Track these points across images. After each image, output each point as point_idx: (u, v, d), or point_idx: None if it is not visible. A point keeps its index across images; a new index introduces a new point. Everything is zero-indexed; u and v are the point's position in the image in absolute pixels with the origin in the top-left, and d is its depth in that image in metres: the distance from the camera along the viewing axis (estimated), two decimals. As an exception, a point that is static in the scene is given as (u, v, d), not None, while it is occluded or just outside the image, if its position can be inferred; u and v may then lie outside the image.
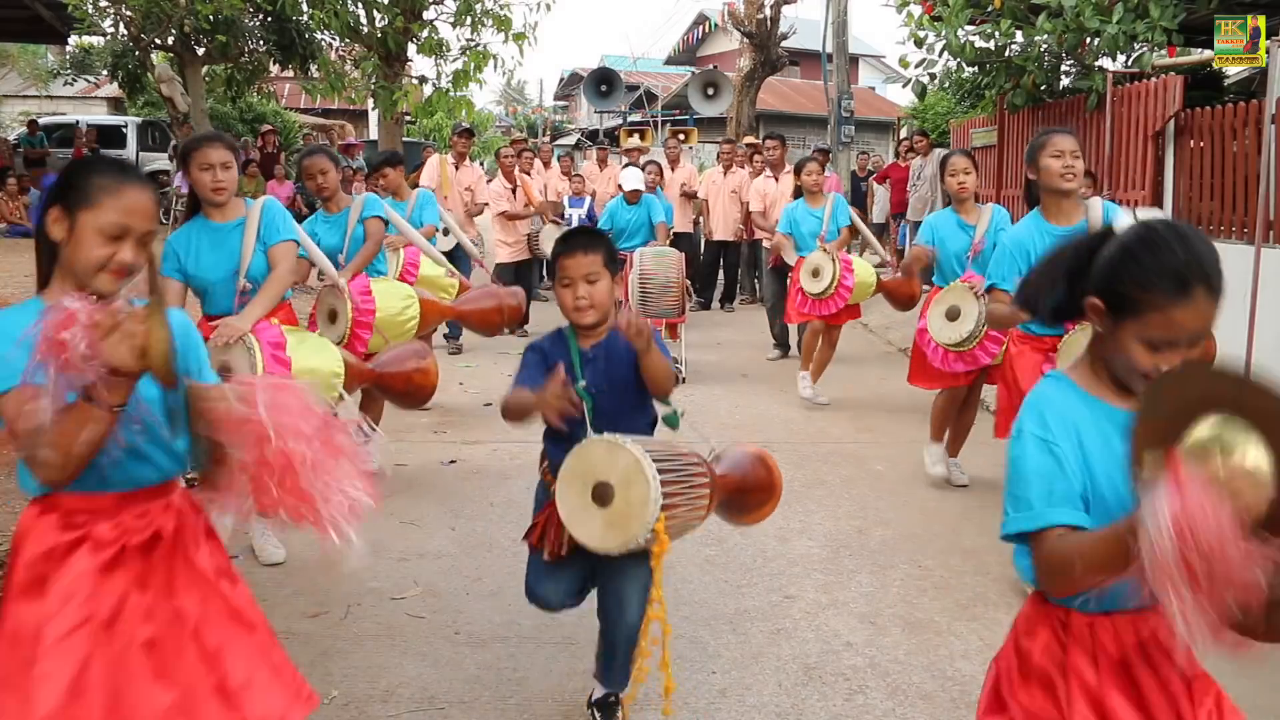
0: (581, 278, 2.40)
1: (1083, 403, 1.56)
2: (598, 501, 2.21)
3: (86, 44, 17.87)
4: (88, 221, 1.69)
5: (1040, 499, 1.50)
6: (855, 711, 2.73)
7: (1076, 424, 1.53)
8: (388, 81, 11.64)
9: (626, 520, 2.18)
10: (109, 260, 1.70)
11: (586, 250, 2.41)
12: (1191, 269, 1.44)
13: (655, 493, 2.15)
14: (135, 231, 1.71)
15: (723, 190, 10.16)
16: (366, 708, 2.70)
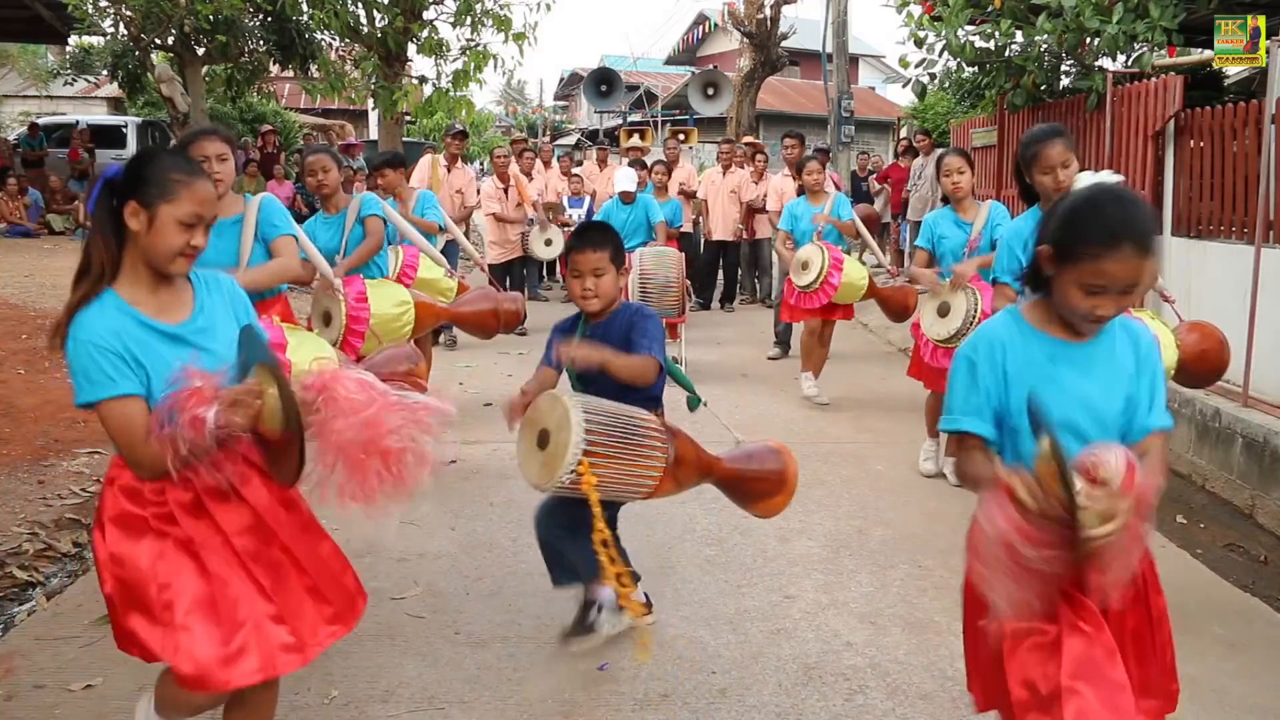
0: (590, 271, 2.74)
1: (1020, 332, 1.89)
2: (540, 445, 2.49)
3: (86, 44, 17.85)
4: (168, 213, 1.91)
5: (958, 408, 1.89)
6: (855, 711, 2.73)
7: (1005, 348, 1.87)
8: (388, 81, 11.64)
9: (554, 460, 2.43)
10: (185, 246, 1.93)
11: (596, 248, 2.75)
12: (1121, 226, 1.73)
13: (578, 437, 2.39)
14: (205, 219, 1.97)
15: (722, 190, 10.16)
16: (366, 708, 2.70)
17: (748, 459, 2.85)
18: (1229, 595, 3.64)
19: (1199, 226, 6.20)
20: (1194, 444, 5.05)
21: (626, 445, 2.49)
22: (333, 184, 4.52)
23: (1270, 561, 4.07)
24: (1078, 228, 1.77)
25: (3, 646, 3.03)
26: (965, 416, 1.88)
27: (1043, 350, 1.86)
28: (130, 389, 1.86)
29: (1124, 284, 1.75)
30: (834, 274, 5.90)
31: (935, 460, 4.81)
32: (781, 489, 2.85)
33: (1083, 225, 1.76)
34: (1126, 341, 1.91)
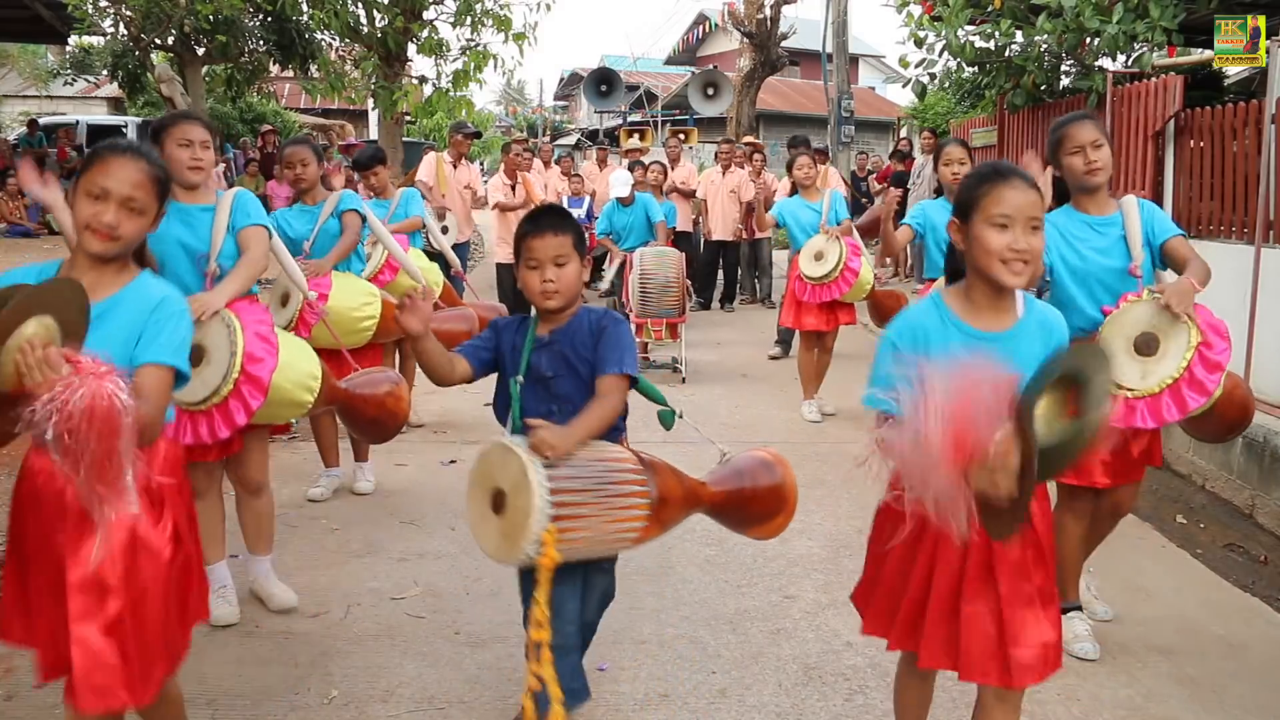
0: (550, 260, 2.27)
1: (940, 319, 2.00)
2: (495, 509, 2.09)
3: (86, 44, 17.86)
4: (81, 185, 1.95)
5: (879, 385, 1.95)
6: (855, 711, 2.73)
7: (927, 332, 1.98)
8: (388, 81, 11.64)
9: (515, 530, 2.03)
10: (92, 219, 1.94)
11: (556, 231, 2.29)
12: (1001, 166, 1.99)
13: (541, 501, 1.99)
14: (115, 195, 1.95)
15: (721, 190, 10.16)
16: (366, 708, 2.70)
17: (739, 477, 2.48)
18: (1229, 595, 3.64)
19: (1199, 226, 6.20)
20: (1194, 444, 5.04)
21: (600, 497, 2.10)
22: (311, 177, 4.40)
23: (1270, 561, 4.07)
24: (971, 182, 2.00)
25: (3, 646, 3.03)
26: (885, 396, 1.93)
27: (961, 340, 1.95)
28: None
29: (1026, 214, 1.90)
30: (854, 259, 5.73)
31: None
32: (781, 507, 2.49)
33: (974, 178, 2.00)
34: (1039, 333, 1.99)
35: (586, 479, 2.10)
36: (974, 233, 1.94)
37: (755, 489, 2.47)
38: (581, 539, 2.09)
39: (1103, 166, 3.04)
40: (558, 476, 2.05)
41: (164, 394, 1.95)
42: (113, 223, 1.95)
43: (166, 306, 2.01)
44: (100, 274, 1.99)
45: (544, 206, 2.60)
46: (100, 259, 1.99)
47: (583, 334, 2.32)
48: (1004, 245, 1.90)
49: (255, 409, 2.90)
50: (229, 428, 2.90)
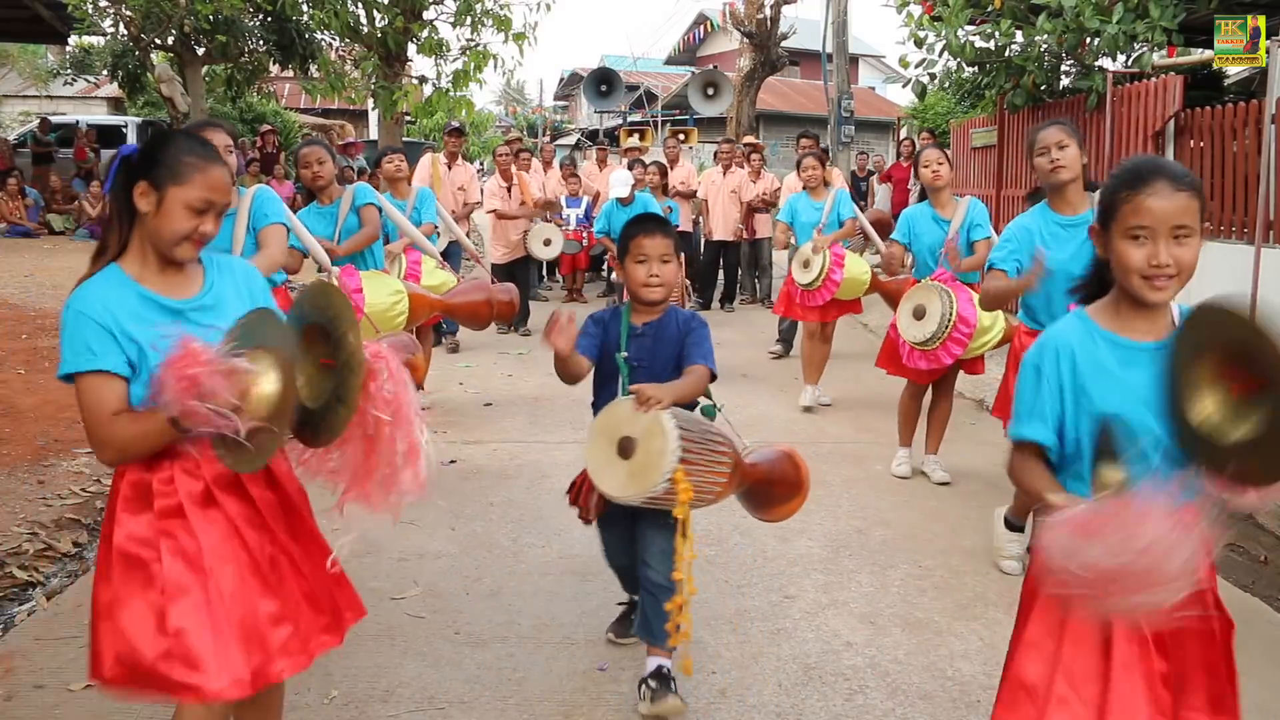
0: (657, 256, 2.62)
1: (1088, 334, 1.80)
2: (622, 454, 2.41)
3: (86, 44, 17.86)
4: (177, 196, 1.85)
5: (1023, 414, 1.81)
6: (855, 711, 2.73)
7: (1072, 351, 1.78)
8: (388, 81, 11.65)
9: (645, 470, 2.36)
10: (193, 232, 1.87)
11: (665, 233, 2.66)
12: (1145, 165, 1.74)
13: (674, 444, 2.33)
14: (217, 206, 1.90)
15: (722, 190, 10.15)
16: (366, 708, 2.70)
17: (769, 461, 2.84)
18: (1229, 595, 3.63)
19: (1199, 226, 6.20)
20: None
21: (707, 453, 2.47)
22: (327, 175, 4.52)
23: (1270, 561, 4.07)
24: (1110, 185, 1.77)
25: (3, 646, 3.03)
26: (1030, 424, 1.79)
27: (1113, 354, 1.76)
28: (109, 365, 1.78)
29: (1170, 223, 1.69)
30: (835, 270, 5.88)
31: (908, 465, 4.82)
32: (799, 491, 2.86)
33: (1114, 180, 1.77)
34: None
35: (699, 436, 2.45)
36: (1114, 246, 1.75)
37: (783, 473, 2.85)
38: (693, 485, 2.41)
39: (1066, 165, 3.33)
40: (683, 428, 2.38)
41: None
42: (214, 232, 1.92)
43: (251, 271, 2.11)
44: (180, 271, 1.94)
45: (649, 214, 2.84)
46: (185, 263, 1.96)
47: (671, 330, 2.67)
48: (1144, 260, 1.70)
49: None
50: None
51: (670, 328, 2.67)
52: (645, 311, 2.69)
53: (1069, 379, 1.76)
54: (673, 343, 2.64)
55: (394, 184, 5.98)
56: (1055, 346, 1.80)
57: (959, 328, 4.38)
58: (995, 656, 3.02)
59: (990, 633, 3.17)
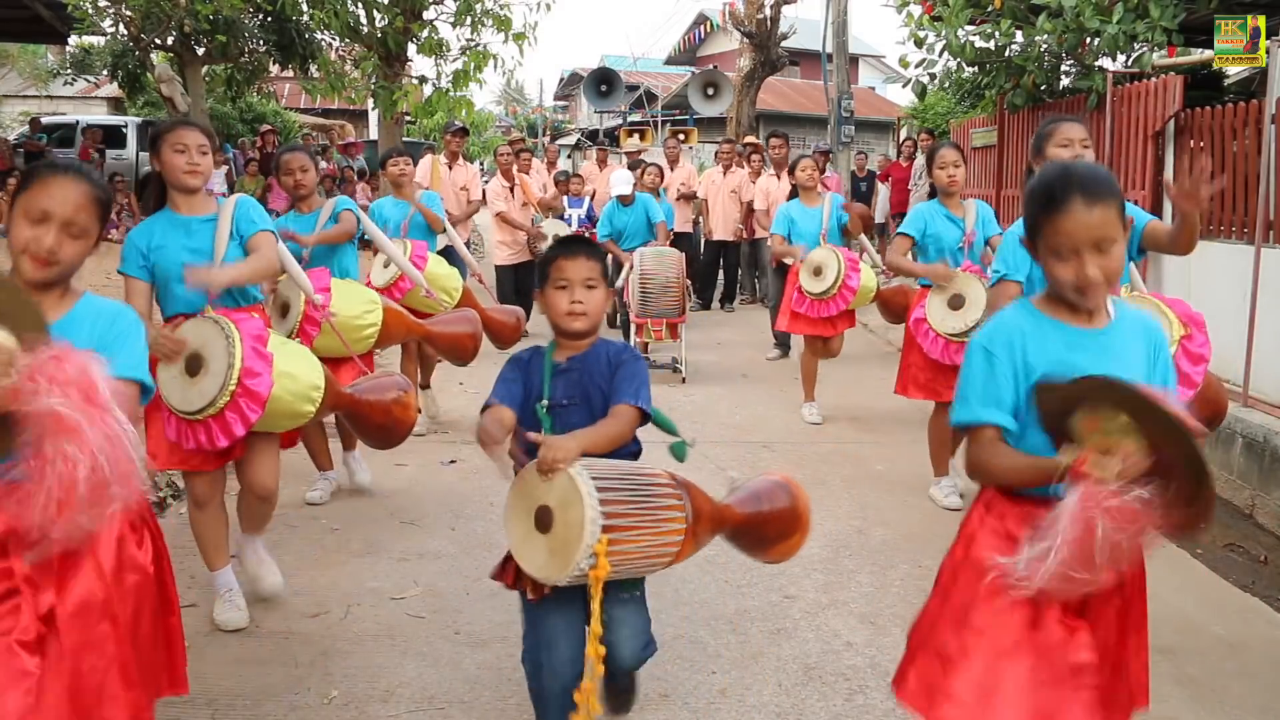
0: (581, 281, 2.30)
1: (1032, 319, 1.85)
2: (540, 528, 2.07)
3: (86, 44, 17.85)
4: (19, 205, 1.83)
5: (976, 399, 1.83)
6: (855, 711, 2.73)
7: (1024, 335, 1.82)
8: (388, 81, 11.64)
9: (566, 545, 2.02)
10: (30, 243, 1.82)
11: (589, 256, 2.33)
12: (1057, 181, 1.75)
13: (593, 512, 1.99)
14: (56, 217, 1.83)
15: (722, 190, 10.16)
16: (366, 708, 2.70)
17: (757, 500, 2.51)
18: (1229, 595, 3.64)
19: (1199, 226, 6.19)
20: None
21: (643, 510, 2.11)
22: (309, 184, 4.37)
23: (1270, 561, 4.08)
24: (1030, 201, 1.81)
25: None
26: (985, 407, 1.82)
27: (1060, 337, 1.82)
28: None
29: (1091, 239, 1.72)
30: (852, 275, 5.65)
31: (956, 493, 4.38)
32: (797, 527, 2.54)
33: (1032, 197, 1.80)
34: (1139, 334, 1.88)
35: (630, 492, 2.10)
36: (1043, 259, 1.80)
37: (774, 510, 2.51)
38: (629, 553, 2.08)
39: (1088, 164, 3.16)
40: (604, 488, 2.04)
41: (132, 410, 1.83)
42: (53, 247, 1.83)
43: (123, 319, 1.93)
44: (42, 299, 1.84)
45: (573, 236, 2.67)
46: (39, 286, 1.86)
47: (600, 364, 2.32)
48: (1071, 276, 1.75)
49: (253, 421, 2.88)
50: (227, 438, 2.89)
51: (598, 362, 2.32)
52: (569, 345, 2.34)
53: (1020, 362, 1.80)
54: (602, 377, 2.30)
55: (398, 187, 5.90)
56: (1006, 330, 1.84)
57: None
58: (995, 656, 3.02)
59: (990, 633, 3.17)
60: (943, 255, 4.48)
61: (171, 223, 3.11)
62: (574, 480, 2.02)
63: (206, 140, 3.12)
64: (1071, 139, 3.15)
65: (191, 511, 3.22)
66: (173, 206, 3.13)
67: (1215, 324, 3.86)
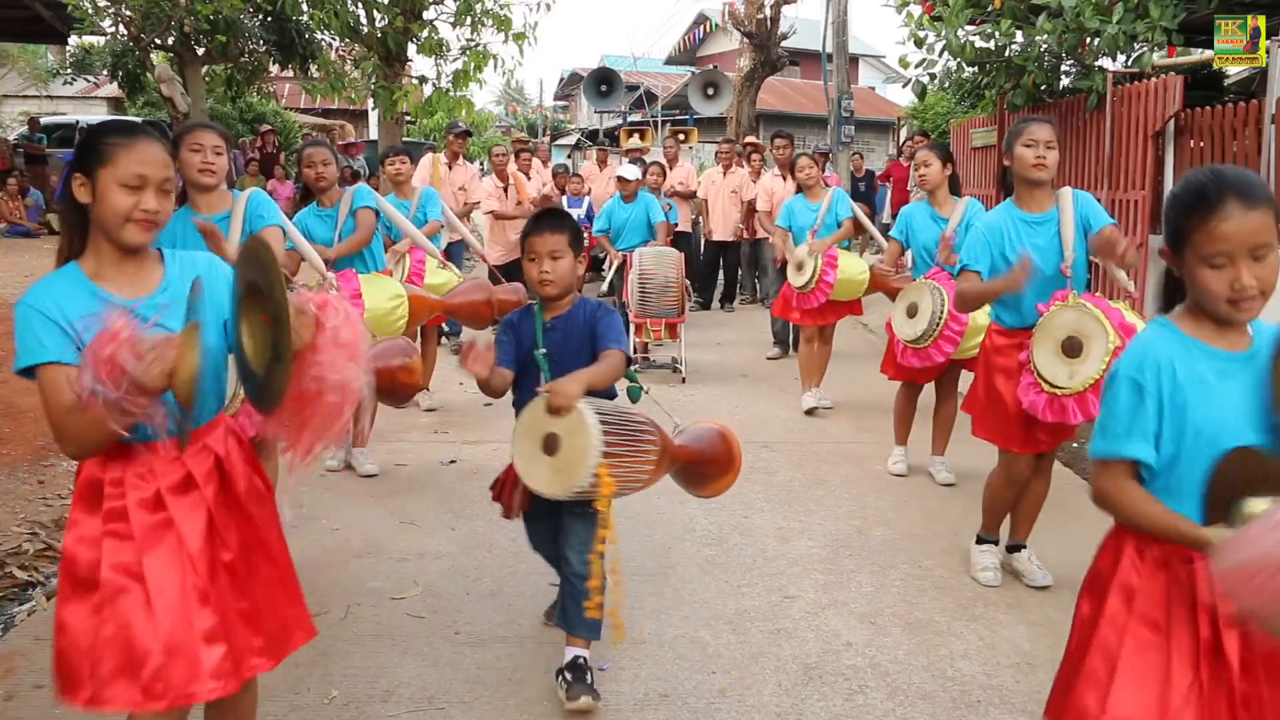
0: (547, 254, 2.68)
1: (1179, 343, 1.72)
2: (547, 451, 2.45)
3: (86, 44, 17.86)
4: (108, 177, 1.82)
5: (1121, 431, 1.72)
6: (855, 711, 2.73)
7: (1174, 364, 1.70)
8: (388, 81, 11.65)
9: (571, 466, 2.40)
10: (133, 209, 1.82)
11: (553, 230, 2.70)
12: (1211, 183, 1.64)
13: (596, 440, 2.37)
14: (153, 180, 1.85)
15: (722, 190, 10.15)
16: (366, 708, 2.70)
17: (699, 442, 2.90)
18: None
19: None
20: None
21: (631, 443, 2.50)
22: (330, 177, 4.53)
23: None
24: (1178, 205, 1.69)
25: (3, 646, 3.03)
26: (1129, 441, 1.70)
27: (1209, 364, 1.69)
28: (59, 356, 1.74)
29: (1248, 245, 1.61)
30: (828, 272, 5.85)
31: (904, 463, 4.87)
32: (730, 467, 2.93)
33: (1181, 201, 1.69)
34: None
35: (621, 426, 2.49)
36: (1191, 271, 1.68)
37: (713, 451, 2.92)
38: (617, 476, 2.45)
39: (1049, 165, 3.33)
40: (604, 423, 2.41)
41: None
42: (157, 208, 1.86)
43: (217, 265, 2.03)
44: (137, 265, 1.90)
45: (546, 209, 2.93)
46: (138, 250, 1.89)
47: (579, 322, 2.73)
48: (1225, 286, 1.63)
49: None
50: None
51: (578, 319, 2.74)
52: (553, 307, 2.76)
53: (1169, 392, 1.69)
54: (581, 333, 2.71)
55: (398, 186, 5.96)
56: (1156, 359, 1.70)
57: (950, 326, 4.36)
58: (995, 656, 3.02)
59: (990, 633, 3.17)
60: (922, 255, 4.71)
61: (188, 221, 3.27)
62: (581, 415, 2.40)
63: (222, 141, 3.29)
64: (1037, 139, 3.30)
65: None
66: (191, 204, 3.33)
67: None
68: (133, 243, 1.85)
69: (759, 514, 4.28)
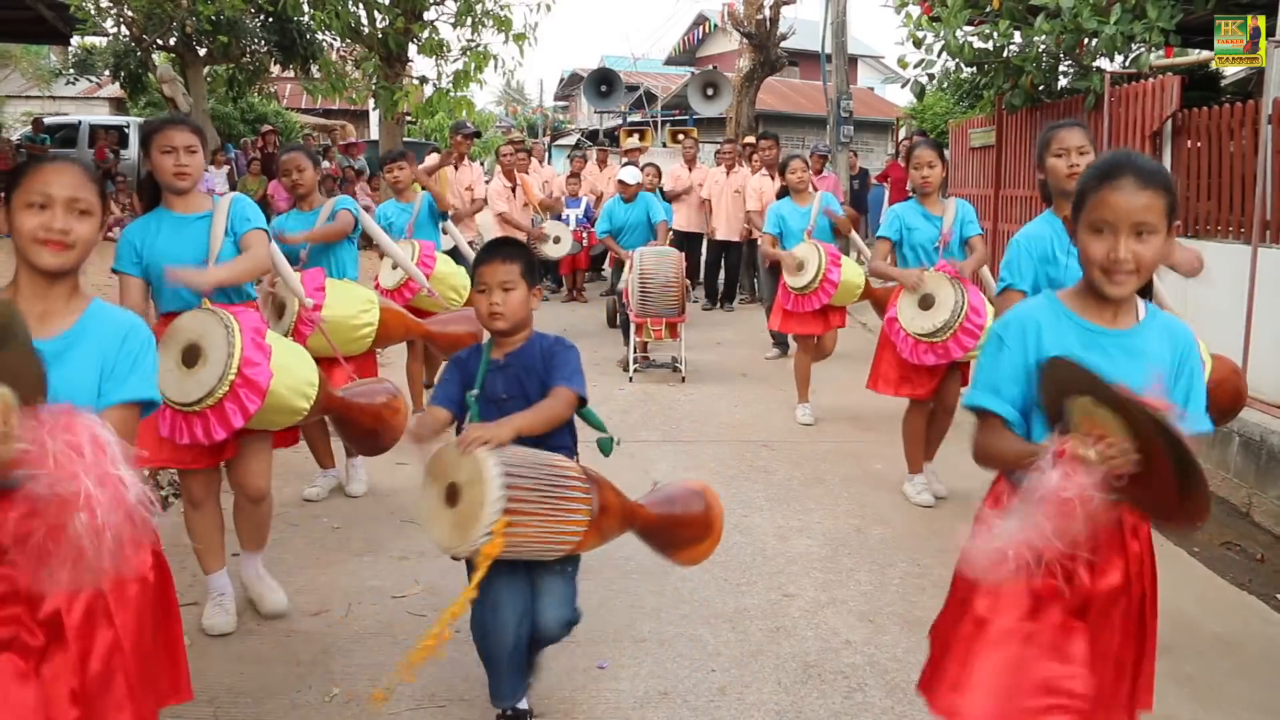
0: (497, 285, 2.45)
1: (1054, 314, 1.84)
2: (449, 502, 2.23)
3: (89, 44, 17.88)
4: (17, 201, 1.81)
5: (982, 384, 1.86)
6: (854, 709, 2.74)
7: (1040, 327, 1.82)
8: (388, 82, 11.66)
9: (468, 520, 2.18)
10: (40, 229, 1.79)
11: (505, 260, 2.47)
12: (1116, 160, 1.77)
13: (495, 494, 2.14)
14: (59, 199, 1.81)
15: (726, 190, 10.17)
16: (368, 705, 2.72)
17: (671, 503, 2.66)
18: (1225, 593, 3.66)
19: (1196, 226, 6.21)
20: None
21: (548, 500, 2.25)
22: (308, 183, 4.37)
23: (1267, 560, 4.09)
24: (1083, 176, 1.82)
25: None
26: (985, 394, 1.84)
27: (1077, 336, 1.81)
28: None
29: (1131, 220, 1.72)
30: (833, 269, 5.71)
31: (930, 490, 4.48)
32: (708, 534, 2.70)
33: (1087, 173, 1.82)
34: (1165, 338, 1.84)
35: (536, 480, 2.24)
36: (1080, 236, 1.79)
37: (687, 514, 2.67)
38: (527, 535, 2.22)
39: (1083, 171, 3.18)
40: (511, 473, 2.18)
41: (134, 430, 1.84)
42: (64, 227, 1.79)
43: (136, 336, 1.88)
44: (50, 301, 1.83)
45: (499, 239, 2.73)
46: (53, 276, 1.82)
47: (534, 358, 2.49)
48: (1104, 253, 1.74)
49: (252, 412, 2.87)
50: (225, 430, 2.86)
51: (534, 355, 2.49)
52: (503, 343, 2.52)
53: (1033, 353, 1.80)
54: (533, 373, 2.47)
55: (398, 192, 5.92)
56: (1022, 320, 1.84)
57: (971, 318, 4.17)
58: (992, 654, 3.04)
59: (988, 631, 3.18)
60: (917, 254, 4.52)
61: (165, 220, 3.11)
62: (479, 464, 2.16)
63: (195, 138, 3.08)
64: (1068, 147, 3.12)
65: (187, 511, 3.20)
66: (167, 205, 3.14)
67: (1212, 323, 3.88)
68: (45, 265, 1.79)
69: (758, 513, 4.30)
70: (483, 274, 2.47)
